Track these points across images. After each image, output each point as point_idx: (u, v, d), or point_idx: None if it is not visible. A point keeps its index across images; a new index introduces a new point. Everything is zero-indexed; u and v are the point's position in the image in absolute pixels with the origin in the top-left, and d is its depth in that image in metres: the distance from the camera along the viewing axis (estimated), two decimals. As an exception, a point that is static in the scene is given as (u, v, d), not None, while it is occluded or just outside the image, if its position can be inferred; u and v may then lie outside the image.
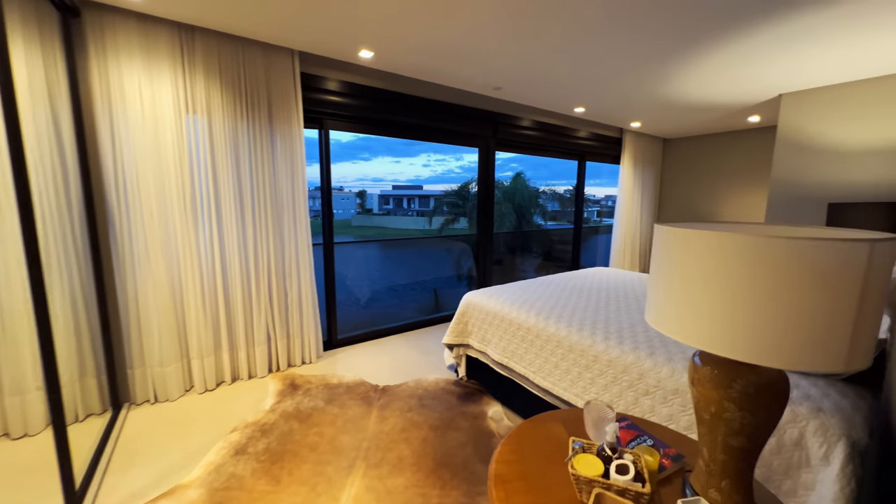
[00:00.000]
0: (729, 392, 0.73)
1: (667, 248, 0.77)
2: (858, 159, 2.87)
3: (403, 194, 21.24)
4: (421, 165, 29.59)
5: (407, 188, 22.44)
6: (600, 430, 0.93)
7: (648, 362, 1.44)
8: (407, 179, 25.23)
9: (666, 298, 0.76)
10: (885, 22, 2.11)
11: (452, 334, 2.41)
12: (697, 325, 0.71)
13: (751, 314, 0.63)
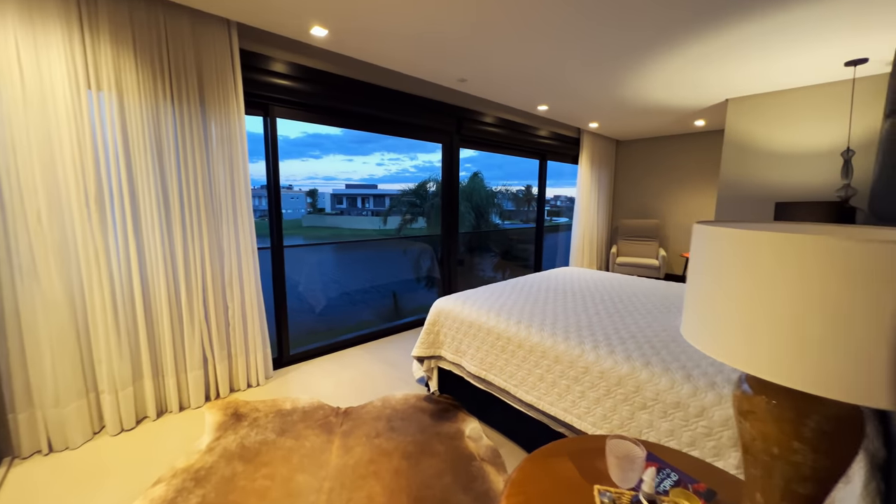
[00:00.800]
0: (800, 430, 0.60)
1: (716, 253, 0.62)
2: (799, 161, 3.08)
3: (358, 193, 20.49)
4: (375, 164, 28.77)
5: (361, 187, 21.70)
6: (627, 473, 0.77)
7: (645, 373, 1.34)
8: (360, 178, 24.43)
9: (712, 313, 0.62)
10: (820, 34, 2.24)
11: (423, 346, 2.19)
12: (755, 348, 0.56)
13: (839, 338, 0.49)
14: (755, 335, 0.57)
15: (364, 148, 22.79)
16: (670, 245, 5.43)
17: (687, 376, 1.27)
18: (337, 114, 2.72)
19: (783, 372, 0.55)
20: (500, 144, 4.04)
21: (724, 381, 1.22)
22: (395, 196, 12.82)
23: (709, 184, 4.95)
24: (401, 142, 31.68)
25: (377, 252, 6.21)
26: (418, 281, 6.38)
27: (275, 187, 2.50)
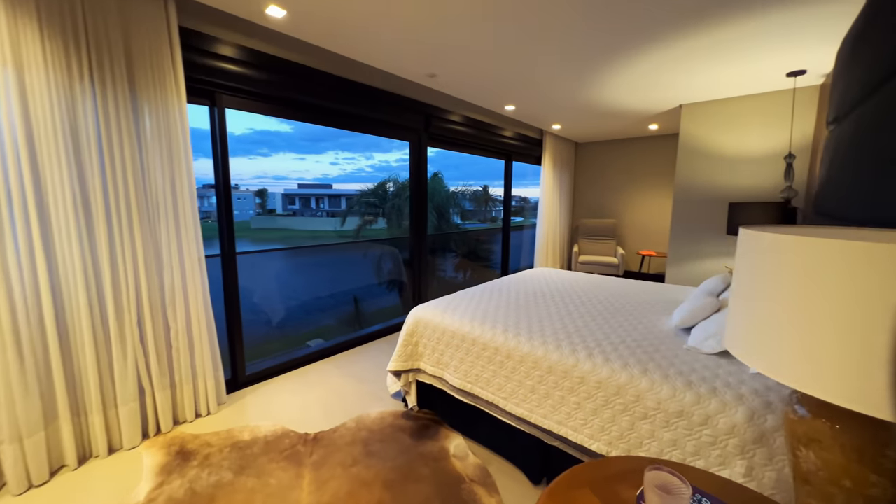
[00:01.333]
0: (879, 461, 0.54)
1: (772, 262, 0.55)
2: (748, 165, 3.30)
3: (312, 194, 19.53)
4: (329, 163, 27.48)
5: (315, 187, 20.71)
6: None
7: (644, 382, 1.29)
8: (314, 178, 23.34)
9: (765, 327, 0.55)
10: (764, 47, 2.40)
11: (400, 358, 2.03)
12: (819, 367, 0.50)
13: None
14: (820, 353, 0.51)
15: (317, 147, 21.75)
16: (627, 243, 5.68)
17: (688, 383, 1.24)
18: (295, 106, 2.47)
19: (854, 395, 0.49)
20: (467, 144, 3.95)
21: (724, 387, 1.20)
22: (353, 196, 12.33)
23: (662, 185, 5.24)
24: (356, 141, 30.47)
25: (338, 256, 5.88)
26: (382, 285, 6.14)
27: (224, 187, 2.20)
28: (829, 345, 0.49)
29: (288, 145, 24.98)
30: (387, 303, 5.65)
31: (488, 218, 10.49)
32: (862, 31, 1.78)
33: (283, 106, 2.42)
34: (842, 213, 1.87)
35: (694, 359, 1.41)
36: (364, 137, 9.82)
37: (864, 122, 1.65)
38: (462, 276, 7.70)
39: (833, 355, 0.49)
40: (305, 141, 21.82)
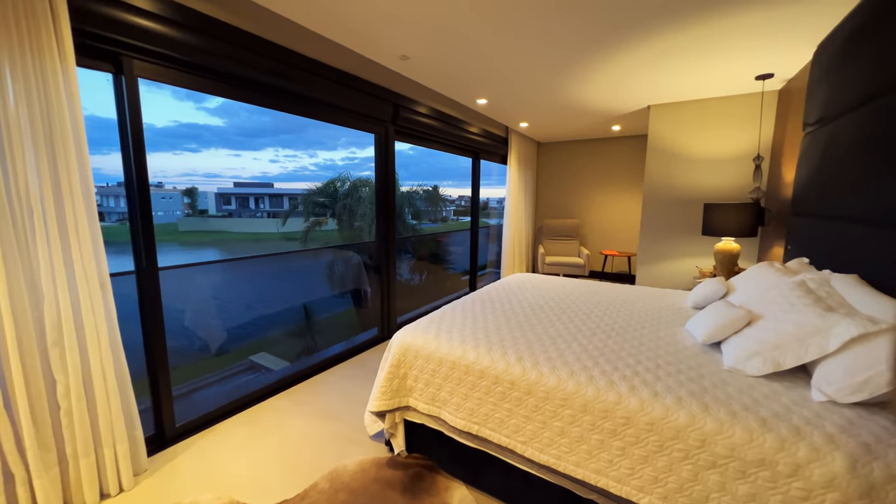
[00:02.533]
0: None
1: None
2: (719, 165, 3.36)
3: (250, 193, 17.87)
4: (268, 161, 25.56)
5: (253, 186, 19.01)
6: None
7: (710, 422, 1.07)
8: (251, 176, 21.50)
9: None
10: (733, 48, 2.40)
11: (384, 396, 1.65)
12: None
13: None
14: None
15: (254, 143, 20.07)
16: (590, 243, 5.72)
17: (762, 422, 1.03)
18: (236, 82, 1.97)
19: None
20: (435, 139, 3.63)
21: (806, 425, 1.01)
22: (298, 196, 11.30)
23: (623, 185, 5.33)
24: (298, 138, 28.65)
25: (287, 263, 5.21)
26: (342, 295, 5.54)
27: (140, 186, 1.66)
28: None
29: (220, 140, 22.81)
30: (351, 317, 5.12)
31: (439, 218, 10.25)
32: (860, 33, 1.76)
33: (219, 81, 1.91)
34: (839, 213, 1.85)
35: (747, 385, 1.22)
36: (307, 134, 9.06)
37: (871, 124, 1.61)
38: (419, 278, 7.35)
39: None
40: (241, 136, 20.06)
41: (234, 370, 3.33)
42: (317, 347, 4.16)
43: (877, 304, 1.22)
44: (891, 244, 1.36)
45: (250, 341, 3.89)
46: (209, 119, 23.52)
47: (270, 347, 3.87)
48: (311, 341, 4.43)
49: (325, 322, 4.73)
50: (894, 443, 0.92)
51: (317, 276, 5.33)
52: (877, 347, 1.07)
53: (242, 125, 23.57)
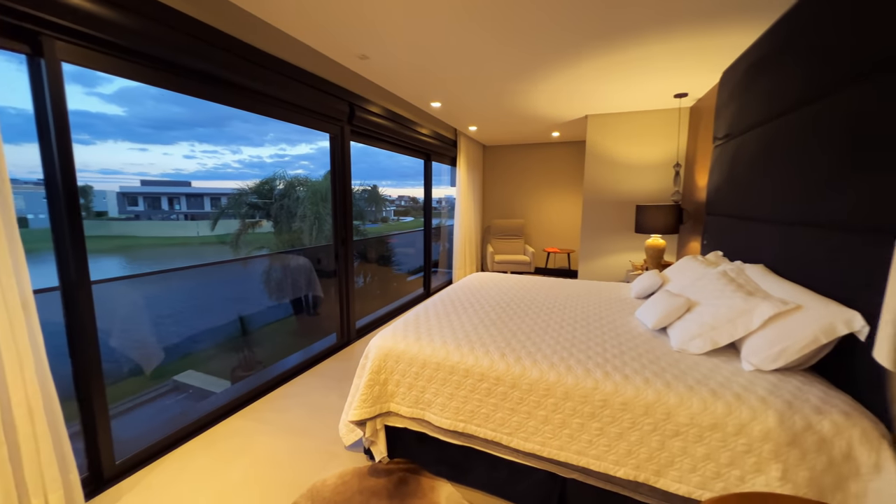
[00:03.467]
0: None
1: None
2: (647, 171, 3.79)
3: (163, 192, 15.84)
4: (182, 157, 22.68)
5: (166, 184, 16.86)
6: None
7: (672, 397, 1.24)
8: (162, 174, 19.00)
9: None
10: (655, 70, 2.77)
11: (365, 404, 1.62)
12: None
13: None
14: None
15: (164, 136, 17.66)
16: (534, 241, 6.09)
17: (712, 392, 1.22)
18: (179, 71, 1.77)
19: None
20: (389, 140, 3.59)
21: (745, 392, 1.22)
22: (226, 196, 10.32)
23: (563, 187, 5.75)
24: (218, 132, 26.12)
25: (221, 271, 4.76)
26: (290, 303, 5.19)
27: (66, 185, 1.43)
28: None
29: (120, 132, 19.68)
30: (294, 323, 4.83)
31: (379, 219, 10.11)
32: (763, 60, 2.14)
33: (161, 69, 1.70)
34: (745, 213, 2.22)
35: (694, 362, 1.43)
36: (229, 129, 8.31)
37: (775, 137, 1.96)
38: (367, 281, 7.20)
39: None
40: (147, 128, 17.65)
41: (153, 393, 2.95)
42: (261, 361, 3.87)
43: (782, 288, 1.50)
44: (786, 239, 1.68)
45: (180, 358, 3.50)
46: (104, 107, 20.11)
47: (201, 364, 3.52)
48: (251, 354, 4.10)
49: (272, 332, 4.42)
50: (806, 398, 1.16)
51: (258, 283, 4.95)
52: (788, 323, 1.32)
53: (149, 115, 20.38)
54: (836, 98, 1.39)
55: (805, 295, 1.38)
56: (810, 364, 1.33)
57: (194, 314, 4.07)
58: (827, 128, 1.43)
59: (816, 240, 1.46)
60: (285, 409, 2.19)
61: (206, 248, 10.23)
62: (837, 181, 1.35)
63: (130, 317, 2.95)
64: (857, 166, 1.26)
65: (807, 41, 1.63)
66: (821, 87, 1.49)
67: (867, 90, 1.23)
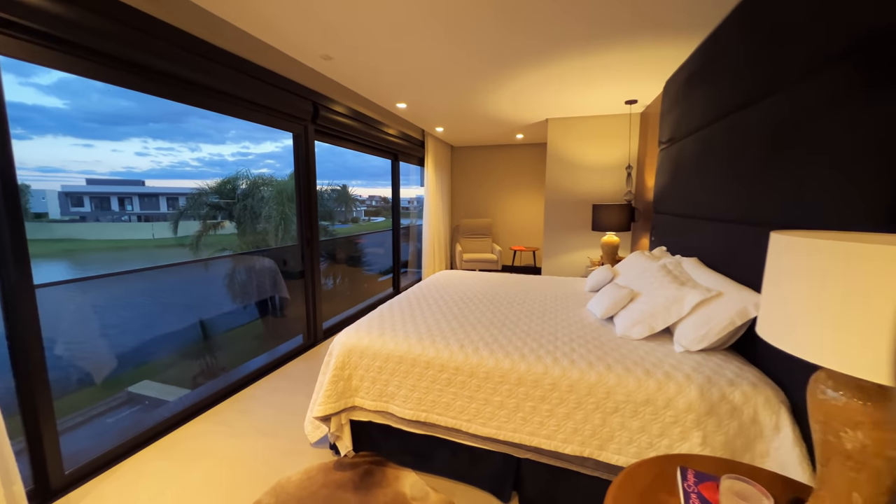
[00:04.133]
0: (917, 430, 0.64)
1: (822, 265, 0.62)
2: (602, 172, 4.02)
3: (113, 192, 14.78)
4: (133, 154, 21.00)
5: (116, 183, 15.73)
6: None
7: (612, 377, 1.36)
8: (111, 172, 17.65)
9: (819, 323, 0.63)
10: (607, 78, 2.97)
11: (329, 399, 1.66)
12: (879, 356, 0.57)
13: None
14: (880, 344, 0.57)
15: (112, 131, 16.31)
16: (501, 240, 6.26)
17: (647, 372, 1.36)
18: (132, 68, 1.72)
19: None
20: (355, 140, 3.60)
21: (673, 370, 1.37)
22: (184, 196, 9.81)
23: (528, 187, 5.95)
24: (174, 128, 24.61)
25: (184, 274, 4.56)
26: (255, 305, 5.04)
27: (4, 178, 1.37)
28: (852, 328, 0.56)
29: (62, 127, 18.04)
30: (260, 326, 4.70)
31: (349, 219, 9.99)
32: (698, 72, 2.35)
33: (113, 65, 1.66)
34: (685, 212, 2.44)
35: (633, 347, 1.58)
36: (186, 125, 7.89)
37: (707, 143, 2.17)
38: (336, 282, 7.12)
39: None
40: (92, 122, 16.35)
41: (103, 406, 2.80)
42: (224, 367, 3.76)
43: (710, 278, 1.68)
44: (715, 235, 1.88)
45: (135, 368, 3.34)
46: (42, 98, 18.26)
47: (158, 373, 3.38)
48: (213, 360, 3.96)
49: (237, 337, 4.29)
50: (723, 374, 1.32)
51: (221, 286, 4.78)
52: (711, 308, 1.49)
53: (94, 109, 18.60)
54: (756, 106, 1.58)
55: (726, 283, 1.56)
56: (730, 343, 1.51)
57: (151, 320, 3.88)
58: (749, 133, 1.62)
59: (736, 234, 1.65)
60: (249, 410, 2.17)
61: (164, 252, 9.65)
62: (756, 181, 1.54)
63: (80, 324, 2.79)
64: (771, 167, 1.45)
65: (727, 60, 1.83)
66: (743, 97, 1.69)
67: (780, 100, 1.42)
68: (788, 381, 1.25)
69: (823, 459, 0.75)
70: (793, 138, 1.30)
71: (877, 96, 0.98)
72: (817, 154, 1.18)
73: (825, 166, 1.14)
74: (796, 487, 0.90)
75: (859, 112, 1.03)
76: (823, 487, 0.76)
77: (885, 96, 0.95)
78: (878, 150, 0.96)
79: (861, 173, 1.01)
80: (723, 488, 0.72)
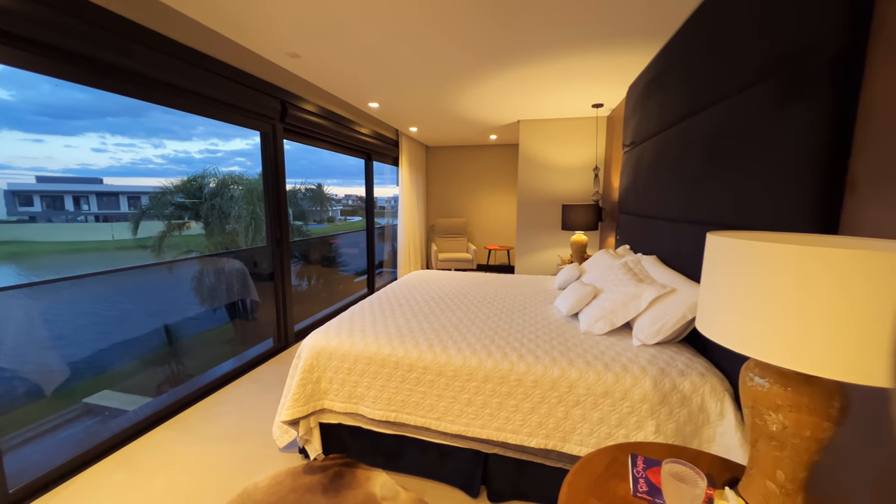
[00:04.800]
0: (830, 412, 0.71)
1: (742, 262, 0.69)
2: (571, 173, 4.13)
3: (66, 191, 13.91)
4: (90, 150, 19.98)
5: (70, 181, 14.83)
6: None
7: (574, 372, 1.42)
8: (65, 169, 16.70)
9: (743, 315, 0.69)
10: (574, 81, 3.07)
11: (298, 402, 1.64)
12: (804, 348, 0.63)
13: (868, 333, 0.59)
14: (806, 338, 0.62)
15: (66, 126, 15.21)
16: (476, 239, 6.32)
17: (605, 366, 1.43)
18: (83, 63, 1.64)
19: (835, 367, 0.61)
20: (326, 139, 3.55)
21: (630, 363, 1.44)
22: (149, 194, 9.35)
23: (501, 186, 6.04)
24: (135, 122, 23.56)
25: (144, 277, 4.34)
26: (223, 309, 4.85)
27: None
28: (816, 331, 0.62)
29: (6, 120, 16.61)
30: (229, 330, 4.54)
31: (325, 218, 9.81)
32: (655, 80, 2.47)
33: (74, 62, 1.57)
34: (646, 212, 2.56)
35: (595, 342, 1.65)
36: (148, 120, 7.52)
37: (662, 147, 2.29)
38: (311, 283, 6.99)
39: (818, 339, 0.62)
40: (43, 116, 15.17)
41: (58, 420, 2.64)
42: (192, 374, 3.61)
43: (665, 275, 1.78)
44: (671, 234, 1.98)
45: (95, 377, 3.17)
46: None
47: (120, 382, 3.22)
48: (180, 366, 3.80)
49: (205, 342, 4.14)
50: (675, 365, 1.41)
51: (187, 290, 4.59)
52: (666, 304, 1.58)
53: (45, 101, 17.39)
54: (701, 116, 1.68)
55: (680, 280, 1.65)
56: (683, 336, 1.60)
57: (108, 327, 3.68)
58: (694, 139, 1.73)
59: (687, 234, 1.76)
60: (216, 416, 2.11)
61: (124, 254, 9.15)
62: (700, 185, 1.64)
63: (27, 332, 2.62)
64: (708, 173, 1.55)
65: (678, 71, 1.94)
66: (691, 106, 1.79)
67: (717, 111, 1.52)
68: (731, 371, 1.34)
69: (753, 440, 0.82)
70: (725, 145, 1.40)
71: (794, 108, 1.07)
72: (747, 160, 1.28)
73: (753, 173, 1.24)
74: (735, 469, 0.97)
75: (781, 121, 1.12)
76: (753, 466, 0.83)
77: (801, 108, 1.04)
78: (796, 158, 1.06)
79: (784, 178, 1.11)
80: (663, 472, 0.78)
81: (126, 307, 3.69)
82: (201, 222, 7.19)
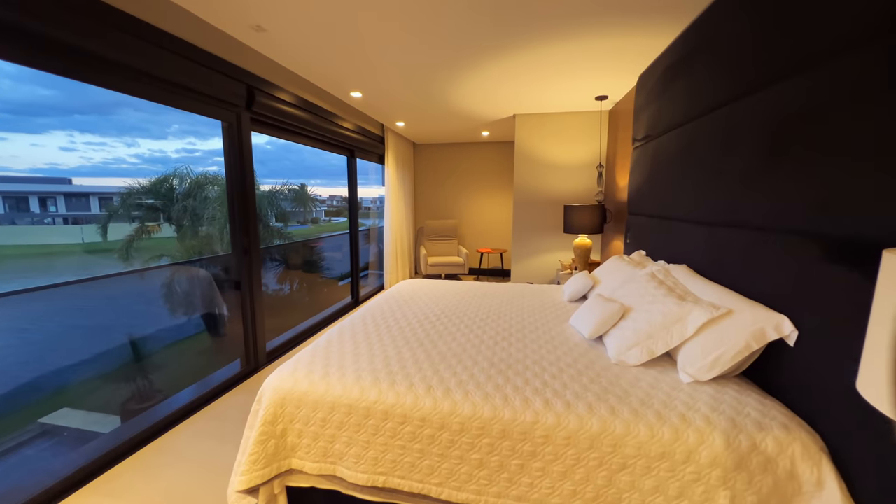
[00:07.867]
0: None
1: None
2: (572, 172, 3.84)
3: (32, 192, 12.97)
4: (57, 149, 18.84)
5: (36, 181, 13.86)
6: None
7: (618, 424, 1.09)
8: (30, 169, 15.63)
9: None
10: (576, 71, 2.77)
11: (257, 465, 1.26)
12: None
13: None
14: None
15: (29, 123, 14.20)
16: (467, 242, 5.99)
17: (658, 415, 1.11)
18: (13, 35, 1.22)
19: None
20: (303, 133, 3.15)
21: (689, 410, 1.12)
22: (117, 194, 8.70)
23: (494, 186, 5.72)
24: (105, 120, 22.54)
25: (111, 286, 3.83)
26: (189, 324, 4.36)
27: None
28: None
29: (-36, 115, 15.46)
30: (191, 349, 4.07)
31: (309, 220, 9.34)
32: (678, 64, 2.17)
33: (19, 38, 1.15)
34: (665, 213, 2.26)
35: (634, 377, 1.32)
36: (119, 117, 6.92)
37: (690, 139, 1.99)
38: (289, 288, 6.52)
39: None
40: (4, 113, 14.20)
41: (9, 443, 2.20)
42: (132, 407, 3.13)
43: (709, 291, 1.47)
44: (708, 239, 1.68)
45: (53, 395, 2.69)
46: None
47: (81, 400, 2.76)
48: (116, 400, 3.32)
49: (162, 360, 3.67)
50: (747, 413, 1.09)
51: (147, 300, 4.09)
52: (720, 329, 1.27)
53: (5, 98, 16.42)
54: (752, 99, 1.38)
55: (732, 298, 1.34)
56: (742, 370, 1.30)
57: (66, 340, 3.19)
58: (746, 128, 1.42)
59: (737, 240, 1.45)
60: (161, 468, 1.70)
61: (94, 258, 8.47)
62: (755, 181, 1.34)
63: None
64: (772, 167, 1.24)
65: (720, 46, 1.64)
66: (736, 89, 1.49)
67: (787, 90, 1.21)
68: (817, 419, 1.04)
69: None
70: (799, 134, 1.10)
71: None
72: (832, 154, 0.97)
73: (842, 167, 0.93)
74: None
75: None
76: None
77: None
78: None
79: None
80: None
81: (66, 324, 3.21)
82: (173, 225, 6.65)
